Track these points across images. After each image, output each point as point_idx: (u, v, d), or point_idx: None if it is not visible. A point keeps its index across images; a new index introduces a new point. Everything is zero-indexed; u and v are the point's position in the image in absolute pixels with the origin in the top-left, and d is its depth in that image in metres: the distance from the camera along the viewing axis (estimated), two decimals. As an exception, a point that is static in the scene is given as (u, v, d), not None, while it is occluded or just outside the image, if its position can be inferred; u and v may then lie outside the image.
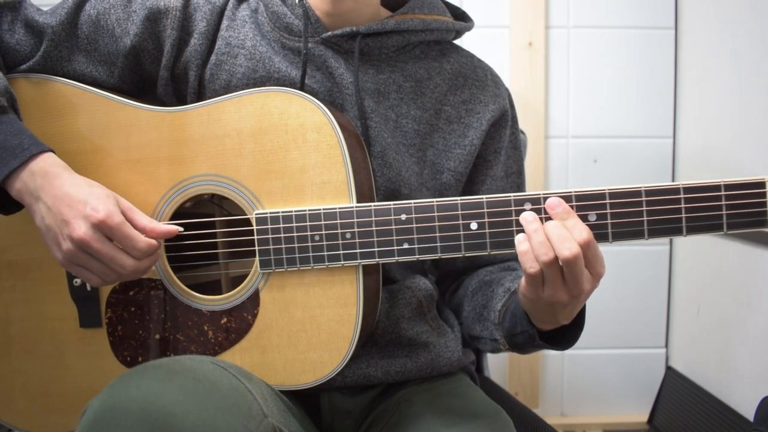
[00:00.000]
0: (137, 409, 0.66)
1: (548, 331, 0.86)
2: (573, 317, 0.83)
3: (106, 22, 0.93)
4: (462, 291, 1.04)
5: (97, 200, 0.79)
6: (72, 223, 0.79)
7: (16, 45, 0.92)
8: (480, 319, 0.95)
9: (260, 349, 0.87)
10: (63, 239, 0.80)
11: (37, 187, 0.81)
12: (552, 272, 0.75)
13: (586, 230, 0.75)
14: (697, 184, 0.77)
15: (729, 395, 1.63)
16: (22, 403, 0.94)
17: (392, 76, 0.96)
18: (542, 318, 0.83)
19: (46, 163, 0.81)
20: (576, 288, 0.75)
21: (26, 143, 0.82)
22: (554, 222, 0.76)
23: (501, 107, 1.01)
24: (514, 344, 0.90)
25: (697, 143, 1.80)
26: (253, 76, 0.92)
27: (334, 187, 0.84)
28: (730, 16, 1.63)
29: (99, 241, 0.79)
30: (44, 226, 0.82)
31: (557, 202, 0.77)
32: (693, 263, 1.85)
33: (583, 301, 0.79)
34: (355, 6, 0.93)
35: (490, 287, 0.97)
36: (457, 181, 0.99)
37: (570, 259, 0.73)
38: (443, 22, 0.98)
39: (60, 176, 0.81)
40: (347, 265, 0.84)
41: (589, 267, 0.76)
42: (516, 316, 0.87)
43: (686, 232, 0.78)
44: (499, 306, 0.91)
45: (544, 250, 0.74)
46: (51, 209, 0.80)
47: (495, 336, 0.92)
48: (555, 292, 0.76)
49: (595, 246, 0.75)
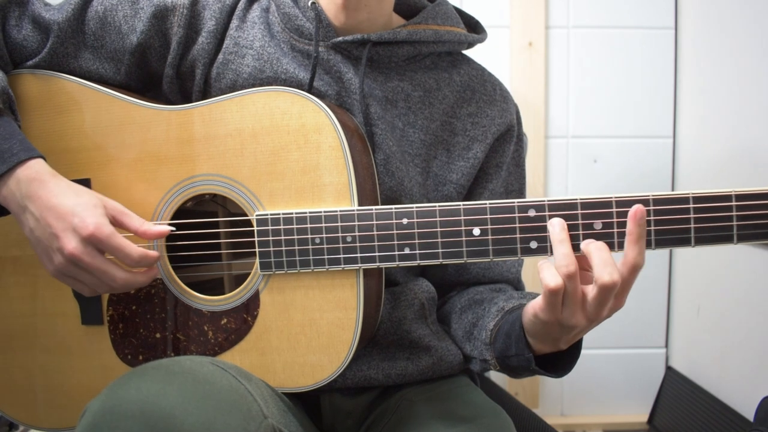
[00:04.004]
0: (137, 410, 0.66)
1: (543, 356, 0.84)
2: (572, 343, 0.81)
3: (113, 18, 0.92)
4: (449, 307, 1.02)
5: (84, 211, 0.78)
6: (62, 237, 0.78)
7: (23, 41, 0.92)
8: (469, 338, 0.94)
9: (259, 350, 0.87)
10: (54, 252, 0.80)
11: (24, 197, 0.80)
12: (571, 285, 0.72)
13: (642, 258, 0.72)
14: (707, 194, 0.74)
15: (729, 395, 1.64)
16: (24, 398, 0.94)
17: (401, 85, 0.95)
18: (545, 340, 0.80)
19: (32, 170, 0.80)
20: (596, 313, 0.73)
21: (16, 148, 0.81)
22: (600, 244, 0.74)
23: (507, 122, 1.00)
24: (505, 366, 0.87)
25: (697, 143, 1.80)
26: (259, 76, 0.92)
27: (336, 189, 0.84)
28: (730, 16, 1.63)
29: (89, 255, 0.79)
30: (34, 238, 0.81)
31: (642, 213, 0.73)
32: (693, 263, 1.85)
33: (595, 326, 0.77)
34: (369, 17, 0.93)
35: (481, 306, 0.95)
36: (458, 194, 0.98)
37: (608, 285, 0.71)
38: (456, 34, 0.97)
39: (46, 185, 0.80)
40: (348, 269, 0.83)
41: (618, 296, 0.74)
42: (510, 337, 0.84)
43: (695, 242, 0.75)
44: (491, 325, 0.89)
45: (565, 262, 0.72)
46: (39, 221, 0.80)
47: (485, 356, 0.89)
48: (573, 314, 0.74)
49: (635, 276, 0.73)
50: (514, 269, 1.04)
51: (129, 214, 0.84)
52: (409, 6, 1.02)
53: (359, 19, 0.92)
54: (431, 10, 0.97)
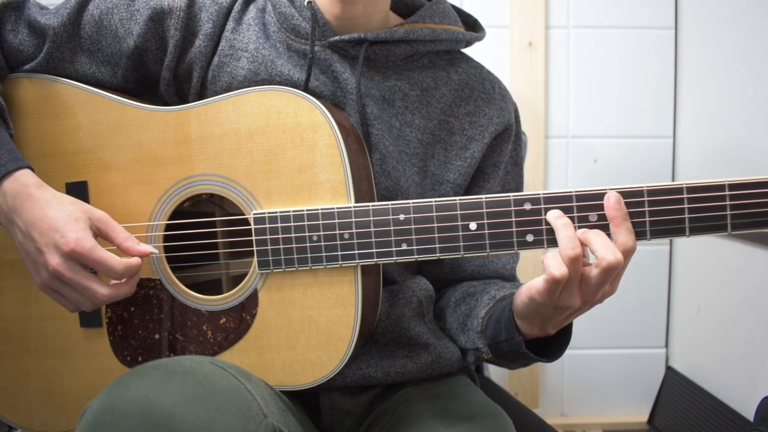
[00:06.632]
0: (136, 410, 0.66)
1: (533, 341, 0.85)
2: (561, 327, 0.82)
3: (109, 22, 0.92)
4: (443, 302, 1.02)
5: (65, 226, 0.78)
6: (45, 253, 0.79)
7: (20, 45, 0.92)
8: (463, 330, 0.94)
9: (259, 349, 0.87)
10: (40, 267, 0.80)
11: (10, 209, 0.81)
12: (574, 270, 0.74)
13: (632, 239, 0.75)
14: (701, 184, 0.75)
15: (729, 395, 1.63)
16: (23, 402, 0.94)
17: (398, 84, 0.95)
18: (533, 322, 0.81)
19: (18, 183, 0.81)
20: (591, 295, 0.75)
21: (4, 158, 0.81)
22: (596, 230, 0.75)
23: (505, 121, 1.00)
24: (497, 353, 0.88)
25: (697, 143, 1.80)
26: (254, 79, 0.92)
27: (332, 187, 0.84)
28: (730, 16, 1.63)
29: (71, 271, 0.79)
30: (23, 251, 0.82)
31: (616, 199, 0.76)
32: (693, 263, 1.85)
33: (585, 310, 0.79)
34: (365, 12, 0.92)
35: (474, 297, 0.95)
36: (456, 194, 0.98)
37: (612, 265, 0.72)
38: (453, 33, 0.97)
39: (31, 198, 0.80)
40: (345, 266, 0.83)
41: (612, 281, 0.75)
42: (501, 323, 0.85)
43: (689, 232, 0.76)
44: (482, 313, 0.90)
45: (571, 245, 0.73)
46: (25, 235, 0.80)
47: (477, 344, 0.90)
48: (571, 296, 0.75)
49: (628, 260, 0.74)
50: (509, 266, 1.04)
51: (114, 227, 0.83)
52: (407, 5, 1.02)
53: (355, 13, 0.92)
54: (428, 9, 0.97)
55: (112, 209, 0.87)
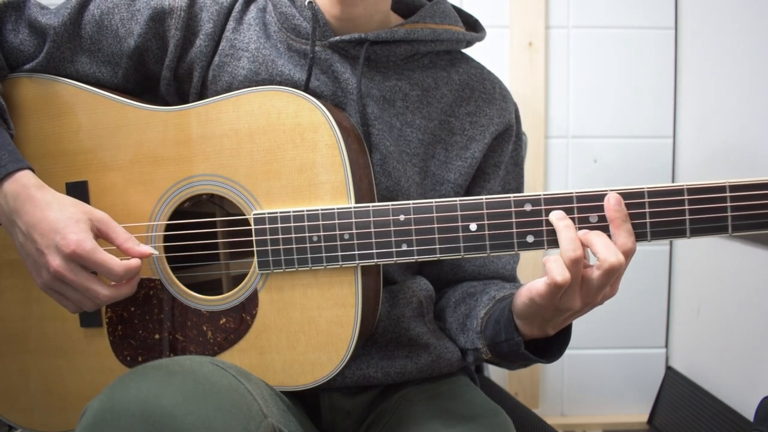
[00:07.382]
0: (136, 410, 0.66)
1: (532, 341, 0.85)
2: (561, 328, 0.82)
3: (109, 22, 0.92)
4: (444, 302, 1.02)
5: (66, 227, 0.79)
6: (46, 254, 0.79)
7: (20, 45, 0.92)
8: (463, 330, 0.94)
9: (259, 349, 0.87)
10: (41, 268, 0.81)
11: (11, 211, 0.81)
12: (575, 272, 0.74)
13: (632, 240, 0.75)
14: (702, 185, 0.75)
15: (729, 395, 1.63)
16: (23, 401, 0.94)
17: (399, 84, 0.95)
18: (533, 323, 0.81)
19: (18, 184, 0.81)
20: (592, 297, 0.75)
21: (4, 159, 0.81)
22: (597, 231, 0.76)
23: (506, 121, 1.00)
24: (497, 353, 0.88)
25: (697, 143, 1.80)
26: (255, 78, 0.92)
27: (333, 188, 0.84)
28: (730, 16, 1.63)
29: (72, 272, 0.79)
30: (24, 252, 0.83)
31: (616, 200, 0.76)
32: (693, 263, 1.85)
33: (585, 312, 0.79)
34: (365, 13, 0.92)
35: (473, 297, 0.95)
36: (456, 194, 0.98)
37: (615, 266, 0.72)
38: (454, 33, 0.97)
39: (32, 199, 0.80)
40: (345, 266, 0.83)
41: (613, 283, 0.75)
42: (500, 323, 0.86)
43: (690, 234, 0.76)
44: (482, 314, 0.90)
45: (573, 246, 0.73)
46: (26, 237, 0.80)
47: (476, 345, 0.91)
48: (572, 298, 0.75)
49: (628, 261, 0.75)
50: (509, 266, 1.04)
51: (114, 228, 0.84)
52: (407, 5, 1.02)
53: (355, 14, 0.92)
54: (429, 9, 0.97)
55: (112, 209, 0.87)
